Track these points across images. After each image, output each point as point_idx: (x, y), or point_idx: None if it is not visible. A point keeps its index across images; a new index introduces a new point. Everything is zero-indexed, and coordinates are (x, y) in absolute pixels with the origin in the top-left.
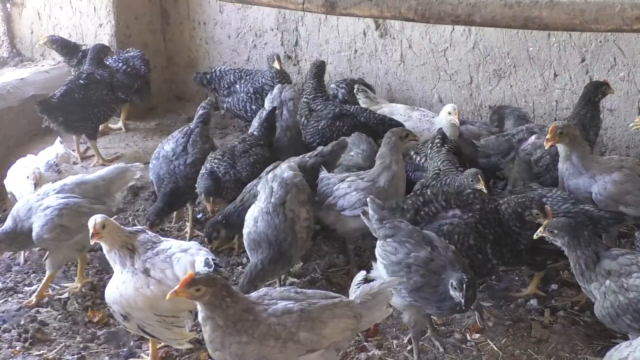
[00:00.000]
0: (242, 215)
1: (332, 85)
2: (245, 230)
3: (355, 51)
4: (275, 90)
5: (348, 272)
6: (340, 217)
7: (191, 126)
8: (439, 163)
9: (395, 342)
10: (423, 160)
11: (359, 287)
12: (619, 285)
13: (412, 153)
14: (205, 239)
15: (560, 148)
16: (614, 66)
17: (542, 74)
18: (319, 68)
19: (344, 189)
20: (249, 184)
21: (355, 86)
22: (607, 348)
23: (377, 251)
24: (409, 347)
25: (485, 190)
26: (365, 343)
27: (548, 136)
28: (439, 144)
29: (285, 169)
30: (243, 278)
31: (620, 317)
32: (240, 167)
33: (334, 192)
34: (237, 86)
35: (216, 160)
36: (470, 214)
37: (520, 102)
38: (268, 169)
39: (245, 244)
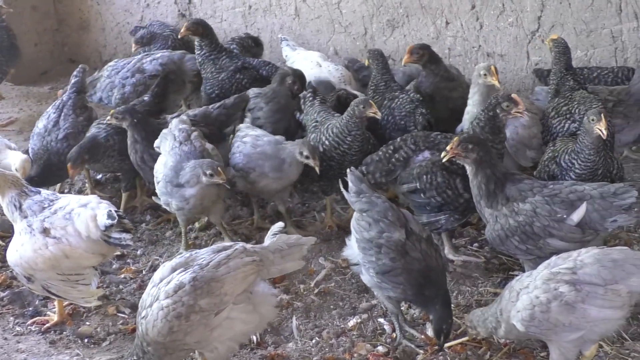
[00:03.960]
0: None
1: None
2: (158, 178)
3: (250, 7)
4: None
5: (252, 222)
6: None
7: (64, 98)
8: (315, 115)
9: (302, 286)
10: (299, 115)
11: (275, 236)
12: (510, 210)
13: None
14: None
15: (473, 91)
16: (502, 12)
17: (434, 22)
18: (207, 25)
19: (235, 147)
20: None
21: (280, 36)
22: (506, 280)
23: (352, 224)
24: (316, 291)
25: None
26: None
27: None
28: (310, 98)
29: (178, 122)
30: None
31: (509, 238)
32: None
33: (232, 147)
34: None
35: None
36: (437, 155)
37: None
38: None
39: (162, 188)
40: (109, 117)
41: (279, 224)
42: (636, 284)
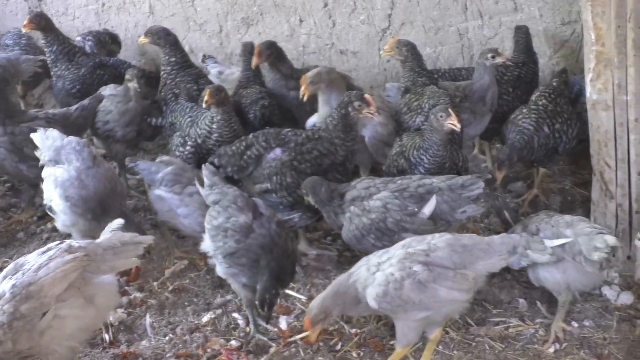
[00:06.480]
0: None
1: (78, 38)
2: (68, 192)
3: (103, 4)
4: None
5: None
6: None
7: None
8: (188, 111)
9: (155, 283)
10: (161, 121)
11: (112, 232)
12: (361, 209)
13: (148, 119)
14: None
15: (318, 95)
16: (354, 10)
17: (288, 20)
18: (49, 18)
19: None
20: None
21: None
22: None
23: (206, 219)
24: (171, 288)
25: None
26: (126, 287)
27: (302, 88)
28: (173, 99)
29: (64, 136)
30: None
31: (365, 237)
32: None
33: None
34: None
35: None
36: (287, 152)
37: None
38: None
39: (78, 209)
40: None
41: (119, 221)
42: (482, 268)
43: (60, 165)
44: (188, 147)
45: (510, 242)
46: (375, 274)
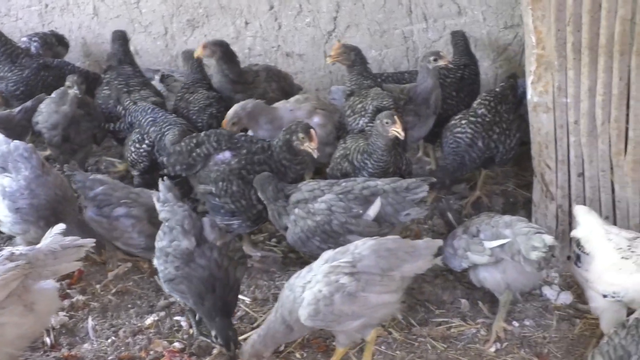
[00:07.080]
0: None
1: (24, 39)
2: (18, 204)
3: (46, 5)
4: None
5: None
6: None
7: None
8: (149, 112)
9: (98, 286)
10: (120, 125)
11: (52, 237)
12: (306, 211)
13: (107, 125)
14: None
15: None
16: (300, 12)
17: (234, 22)
18: None
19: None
20: None
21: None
22: None
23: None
24: (114, 290)
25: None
26: (68, 290)
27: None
28: (131, 104)
29: (9, 140)
30: None
31: (310, 239)
32: None
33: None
34: None
35: None
36: (237, 159)
37: None
38: None
39: (30, 217)
40: None
41: (60, 226)
42: (408, 270)
43: (7, 174)
44: (145, 146)
45: (434, 246)
46: (303, 294)
